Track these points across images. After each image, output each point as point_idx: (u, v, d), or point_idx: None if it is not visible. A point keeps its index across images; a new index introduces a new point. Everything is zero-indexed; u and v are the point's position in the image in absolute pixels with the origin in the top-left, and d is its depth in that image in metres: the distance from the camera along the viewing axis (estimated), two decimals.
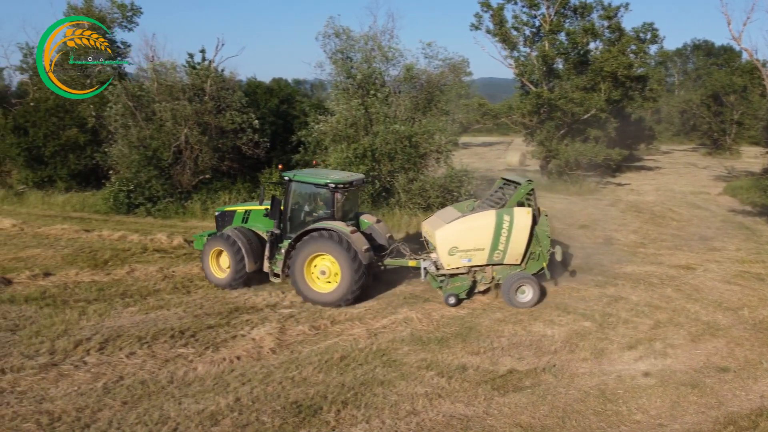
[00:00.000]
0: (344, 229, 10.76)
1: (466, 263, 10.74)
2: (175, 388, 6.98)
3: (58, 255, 13.26)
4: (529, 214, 10.65)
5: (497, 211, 10.71)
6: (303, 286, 10.79)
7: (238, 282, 11.45)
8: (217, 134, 20.20)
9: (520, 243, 10.67)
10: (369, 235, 11.60)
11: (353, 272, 10.48)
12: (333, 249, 10.59)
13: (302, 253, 10.77)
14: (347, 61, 19.80)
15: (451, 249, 10.65)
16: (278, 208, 11.42)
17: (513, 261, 10.85)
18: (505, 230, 10.58)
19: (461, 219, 10.88)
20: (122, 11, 25.24)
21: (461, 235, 10.67)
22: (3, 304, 9.65)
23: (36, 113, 21.74)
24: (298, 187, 11.56)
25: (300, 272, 10.76)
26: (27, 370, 7.26)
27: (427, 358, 8.15)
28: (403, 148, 18.37)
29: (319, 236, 10.74)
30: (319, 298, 10.71)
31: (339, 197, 11.16)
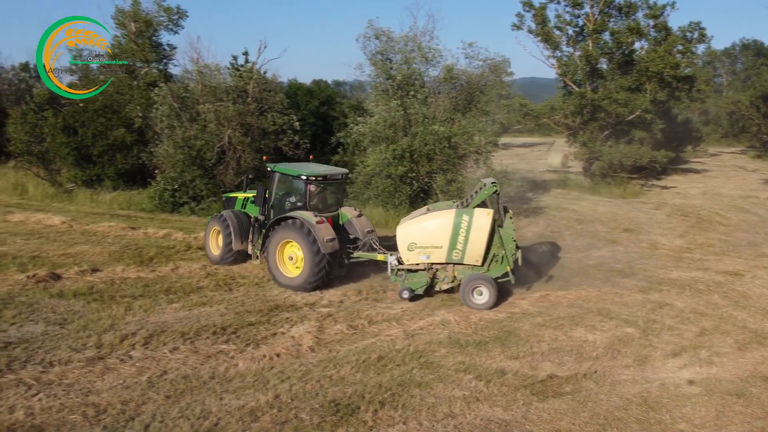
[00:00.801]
0: (310, 219, 11.38)
1: (424, 260, 10.98)
2: (217, 384, 7.12)
3: (105, 252, 13.68)
4: (488, 215, 10.69)
5: (456, 210, 10.86)
6: (275, 269, 11.65)
7: (227, 259, 12.71)
8: (259, 135, 20.51)
9: (478, 244, 10.70)
10: (344, 228, 12.26)
11: (314, 259, 11.12)
12: (298, 236, 11.32)
13: (274, 238, 11.65)
14: (387, 62, 19.82)
15: (410, 245, 10.96)
16: (263, 197, 12.42)
17: (473, 262, 10.89)
18: (463, 230, 10.70)
19: (421, 216, 11.28)
20: (168, 14, 25.80)
21: (420, 232, 10.94)
22: (52, 299, 9.98)
23: (85, 114, 22.43)
24: (280, 178, 12.43)
25: (272, 256, 11.63)
26: (74, 363, 7.48)
27: (464, 361, 8.10)
28: (441, 149, 18.29)
29: (287, 224, 11.54)
30: (286, 282, 11.49)
31: (312, 188, 11.93)
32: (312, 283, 11.30)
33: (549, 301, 11.08)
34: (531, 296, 11.29)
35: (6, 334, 8.29)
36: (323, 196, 12.41)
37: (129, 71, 24.82)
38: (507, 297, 11.25)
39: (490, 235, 10.75)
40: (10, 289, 10.31)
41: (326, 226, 11.49)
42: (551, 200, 22.70)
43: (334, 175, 12.49)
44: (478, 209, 10.80)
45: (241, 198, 13.49)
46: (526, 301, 10.96)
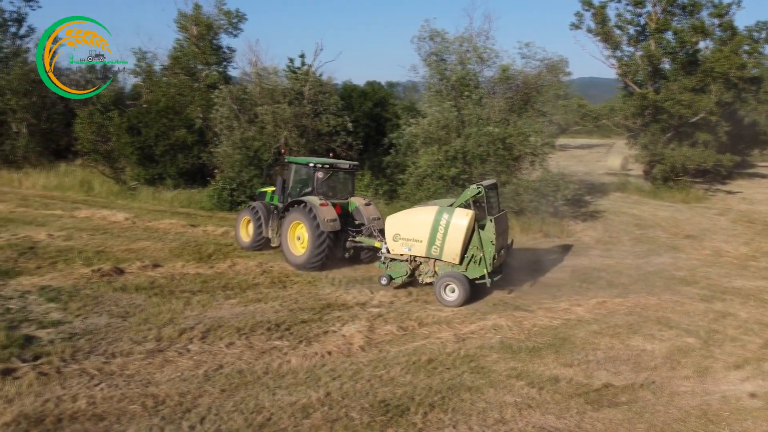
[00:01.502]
0: (315, 201, 12.66)
1: (406, 251, 11.56)
2: (270, 379, 7.26)
3: (166, 248, 14.16)
4: (467, 216, 10.94)
5: (438, 208, 11.35)
6: (286, 249, 13.03)
7: (257, 245, 14.10)
8: (313, 136, 20.80)
9: (454, 242, 10.98)
10: (353, 215, 13.44)
11: (316, 238, 12.39)
12: (304, 218, 12.63)
13: (286, 221, 13.06)
14: (441, 63, 19.75)
15: (395, 235, 11.63)
16: (281, 186, 13.82)
17: (450, 259, 11.15)
18: (441, 227, 11.08)
19: (408, 210, 12.16)
20: (228, 18, 26.50)
21: (404, 224, 11.58)
22: (116, 292, 10.39)
23: (148, 114, 23.24)
24: (296, 168, 13.86)
25: (285, 238, 13.04)
26: (135, 354, 7.75)
27: (517, 367, 7.98)
28: (496, 151, 18.07)
29: (297, 207, 12.90)
30: (294, 260, 12.84)
31: (320, 175, 13.36)
32: (314, 261, 12.50)
33: (606, 309, 10.80)
34: (587, 303, 11.03)
35: (71, 325, 8.67)
36: (333, 184, 13.82)
37: (190, 73, 25.60)
38: (560, 303, 11.02)
39: (468, 235, 10.99)
40: (75, 282, 10.80)
41: (329, 209, 12.65)
42: (610, 204, 22.08)
43: (341, 164, 14.04)
44: (459, 209, 11.10)
45: (270, 192, 14.77)
46: (581, 308, 10.72)
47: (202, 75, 25.56)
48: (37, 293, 10.01)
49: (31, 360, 7.26)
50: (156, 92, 25.34)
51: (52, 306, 9.44)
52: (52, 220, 17.13)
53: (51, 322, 8.69)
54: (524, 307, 10.75)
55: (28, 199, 20.87)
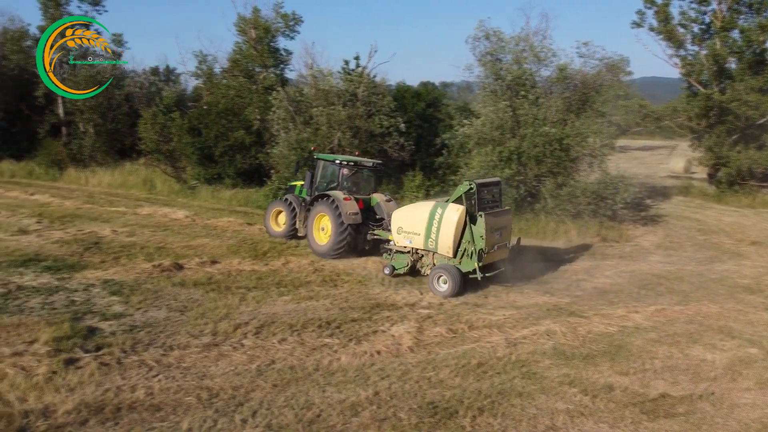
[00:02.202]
0: (339, 196, 13.64)
1: (408, 244, 12.31)
2: (320, 376, 7.34)
3: (223, 245, 14.56)
4: (458, 211, 11.53)
5: (435, 203, 12.16)
6: (311, 239, 14.12)
7: (290, 234, 15.21)
8: (366, 137, 20.93)
9: (447, 236, 11.62)
10: (374, 210, 14.23)
11: (338, 229, 13.40)
12: (328, 210, 13.63)
13: (312, 213, 14.11)
14: (496, 62, 19.51)
15: (398, 228, 12.46)
16: (310, 181, 14.81)
17: (445, 252, 11.77)
18: (436, 222, 11.77)
19: (410, 205, 13.23)
20: (285, 21, 26.96)
21: (406, 218, 12.37)
22: (175, 287, 10.76)
23: (208, 116, 23.93)
24: (323, 165, 14.84)
25: (310, 228, 14.09)
26: (192, 348, 7.98)
27: (570, 374, 7.80)
28: (552, 152, 17.71)
29: (322, 200, 13.88)
30: (317, 249, 13.89)
31: (345, 172, 14.37)
32: (336, 250, 13.52)
33: (665, 316, 10.42)
34: (645, 310, 10.66)
35: (132, 318, 9.03)
36: (357, 180, 14.83)
37: (248, 76, 26.18)
38: (617, 310, 10.70)
39: (460, 229, 11.59)
40: (137, 276, 11.24)
41: (352, 203, 13.60)
42: (672, 208, 21.27)
43: (365, 162, 15.02)
44: (452, 204, 11.73)
45: (299, 185, 15.76)
46: (639, 315, 10.37)
47: (259, 77, 26.09)
48: (101, 286, 10.48)
49: (93, 350, 7.58)
50: (216, 94, 26.05)
51: (115, 299, 9.86)
52: (116, 216, 17.90)
53: (113, 315, 9.07)
54: (579, 313, 10.49)
55: (94, 197, 21.88)
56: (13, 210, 17.92)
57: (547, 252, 15.50)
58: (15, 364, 6.92)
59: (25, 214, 17.20)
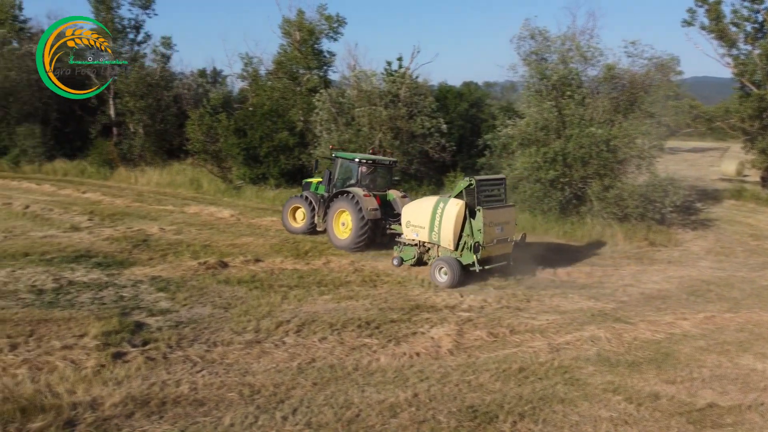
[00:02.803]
0: (359, 192, 14.28)
1: (415, 237, 12.96)
2: (359, 376, 7.36)
3: (267, 244, 14.78)
4: (457, 206, 12.14)
5: (438, 198, 12.85)
6: (331, 233, 14.79)
7: (308, 229, 15.86)
8: (407, 138, 20.92)
9: (447, 229, 12.20)
10: (390, 205, 14.85)
11: (359, 223, 14.04)
12: (349, 206, 14.29)
13: (332, 209, 14.73)
14: (542, 62, 19.23)
15: (407, 222, 13.13)
16: (328, 178, 15.31)
17: (446, 245, 12.33)
18: (438, 215, 12.38)
19: (417, 200, 13.67)
20: (329, 22, 27.21)
21: (413, 212, 13.03)
22: (219, 284, 10.96)
23: (253, 117, 24.34)
24: (342, 162, 15.45)
25: (330, 223, 14.74)
26: (235, 344, 8.11)
27: (614, 381, 7.60)
28: (598, 153, 17.33)
29: (343, 197, 14.55)
30: (338, 243, 14.55)
31: (363, 170, 14.97)
32: (357, 244, 14.18)
33: (714, 324, 10.06)
34: (694, 317, 10.32)
35: (178, 314, 9.24)
36: (374, 178, 15.33)
37: (293, 78, 26.53)
38: (665, 317, 10.39)
39: (460, 223, 12.13)
40: (183, 273, 11.51)
41: (371, 199, 14.28)
42: (723, 212, 20.51)
43: (382, 161, 15.67)
44: (453, 199, 12.33)
45: (315, 182, 16.41)
46: (688, 322, 10.04)
47: (303, 79, 26.41)
48: (149, 283, 10.77)
49: (140, 345, 7.78)
50: (261, 96, 26.49)
51: (161, 295, 10.11)
52: (164, 215, 18.39)
53: (160, 311, 9.31)
54: (625, 319, 10.21)
55: (143, 195, 22.54)
56: (66, 207, 18.62)
57: (590, 256, 15.19)
58: (65, 357, 7.17)
59: (77, 212, 17.86)
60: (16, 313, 8.68)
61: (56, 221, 16.35)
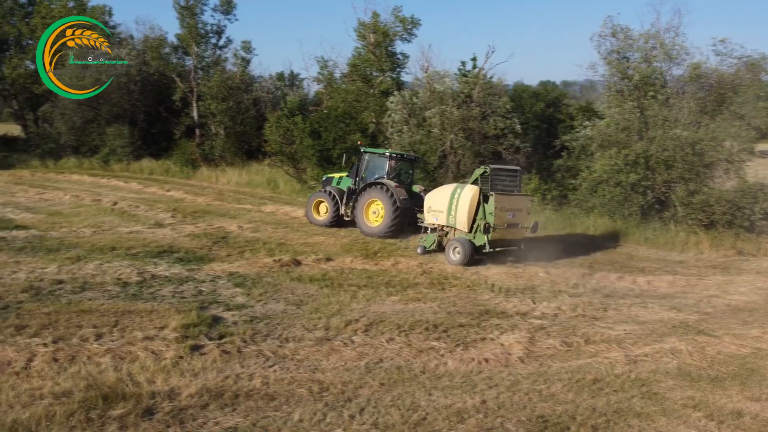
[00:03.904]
0: (392, 184, 15.69)
1: (435, 221, 14.17)
2: (426, 379, 7.32)
3: (338, 244, 15.02)
4: (472, 191, 13.38)
5: (456, 185, 14.18)
6: (361, 222, 15.98)
7: (332, 222, 16.85)
8: (479, 139, 20.66)
9: (462, 212, 13.41)
10: (414, 197, 16.02)
11: (392, 212, 15.31)
12: (381, 196, 15.55)
13: (362, 199, 15.97)
14: (623, 61, 18.55)
15: (428, 208, 14.31)
16: (355, 171, 16.92)
17: (461, 227, 13.54)
18: (455, 200, 13.56)
19: (438, 188, 14.91)
20: (403, 24, 27.33)
21: (434, 199, 14.24)
22: (293, 282, 11.21)
23: (328, 119, 24.78)
24: (369, 157, 16.88)
25: (360, 212, 15.94)
26: (305, 341, 8.24)
27: (694, 397, 7.19)
28: (683, 156, 16.54)
29: (375, 188, 15.78)
30: (369, 231, 15.76)
31: (393, 164, 16.35)
32: (389, 230, 15.43)
33: None
34: None
35: (253, 309, 9.51)
36: (399, 171, 16.66)
37: (366, 80, 26.81)
38: (751, 330, 9.72)
39: (474, 207, 13.32)
40: (259, 270, 11.86)
41: (402, 190, 15.73)
42: None
43: (409, 155, 17.59)
44: (469, 185, 13.60)
45: (337, 177, 17.74)
46: None
47: (376, 81, 26.64)
48: (226, 278, 11.18)
49: (216, 339, 8.05)
50: (335, 98, 26.93)
51: (238, 291, 10.45)
52: (243, 213, 19.06)
53: (236, 305, 9.63)
54: (709, 331, 9.64)
55: (223, 194, 23.43)
56: (151, 205, 19.63)
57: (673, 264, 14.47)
58: (146, 347, 7.52)
59: (161, 209, 18.79)
60: (102, 304, 9.21)
61: (142, 218, 17.28)
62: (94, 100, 31.10)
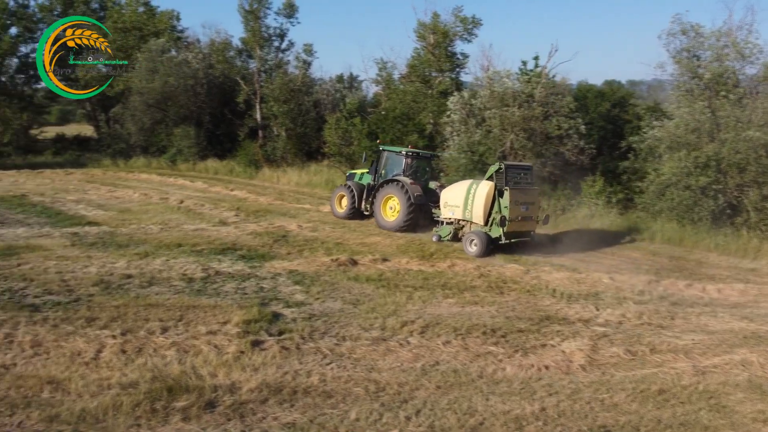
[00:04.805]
0: (407, 180, 16.46)
1: (451, 215, 15.06)
2: (484, 384, 7.23)
3: (394, 244, 15.06)
4: (487, 186, 14.27)
5: (472, 181, 15.11)
6: (379, 216, 16.88)
7: (351, 215, 17.88)
8: (541, 140, 20.23)
9: (478, 207, 14.28)
10: (430, 193, 16.74)
11: (407, 207, 16.10)
12: (397, 192, 16.38)
13: (380, 195, 16.84)
14: (693, 59, 17.80)
15: (445, 203, 15.22)
16: (374, 168, 17.91)
17: (477, 221, 14.39)
18: (471, 195, 14.46)
19: (453, 184, 15.82)
20: (464, 24, 27.09)
21: (451, 194, 15.18)
22: (349, 281, 11.32)
23: (385, 121, 24.88)
24: (387, 154, 17.81)
25: (378, 208, 16.84)
26: (362, 340, 8.30)
27: (765, 411, 6.79)
28: (757, 159, 15.72)
29: (391, 184, 16.64)
30: (386, 225, 16.63)
31: (409, 161, 17.15)
32: (404, 224, 16.23)
33: None
34: None
35: (311, 307, 9.67)
36: (416, 169, 17.51)
37: (425, 81, 26.74)
38: None
39: (489, 201, 14.18)
40: (317, 269, 12.04)
41: (417, 186, 16.42)
42: None
43: (425, 153, 18.58)
44: (484, 181, 14.56)
45: (359, 173, 18.84)
46: None
47: (435, 82, 26.53)
48: (286, 276, 11.41)
49: (276, 335, 8.23)
50: (393, 100, 27.00)
51: (297, 288, 10.66)
52: (302, 213, 19.41)
53: (295, 303, 9.82)
54: None
55: (284, 194, 23.91)
56: (216, 203, 20.26)
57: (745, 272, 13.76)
58: (209, 342, 7.77)
59: (225, 208, 19.37)
60: (168, 298, 9.58)
61: (206, 216, 17.86)
62: (161, 101, 32.33)
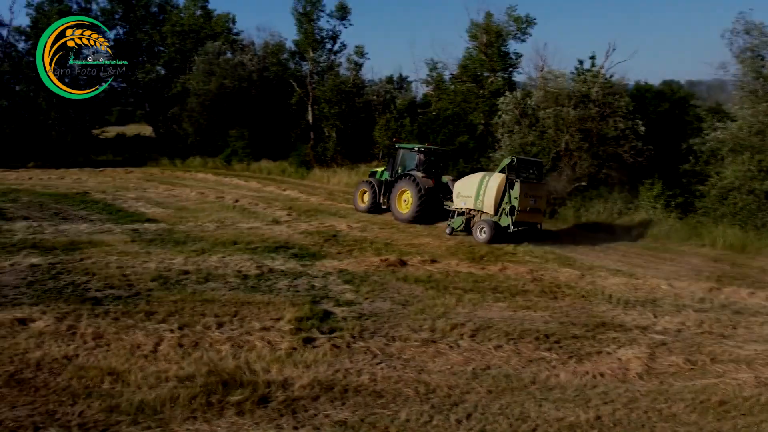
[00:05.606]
0: (419, 174, 17.77)
1: (463, 205, 16.09)
2: (536, 390, 7.09)
3: (443, 245, 14.98)
4: (499, 178, 15.29)
5: (484, 173, 16.26)
6: (394, 209, 18.17)
7: (372, 208, 19.09)
8: (598, 141, 19.73)
9: (490, 197, 15.29)
10: (443, 187, 17.87)
11: (417, 199, 17.40)
12: (410, 186, 17.68)
13: (395, 189, 18.21)
14: (757, 59, 17.05)
15: (457, 194, 16.27)
16: (391, 165, 19.23)
17: (488, 210, 15.39)
18: (483, 187, 15.50)
19: (466, 176, 16.75)
20: (518, 23, 26.70)
21: (463, 185, 16.22)
22: (398, 282, 11.31)
23: (436, 121, 24.81)
24: (403, 152, 19.17)
25: (393, 201, 18.18)
26: (411, 341, 8.27)
27: None
28: None
29: (404, 179, 17.98)
30: (400, 217, 17.90)
31: (422, 157, 18.29)
32: (415, 215, 17.51)
33: None
34: None
35: (361, 306, 9.72)
36: (430, 164, 18.48)
37: (476, 81, 26.49)
38: None
39: (500, 193, 15.16)
40: (367, 269, 12.09)
41: (427, 180, 17.61)
42: None
43: (437, 149, 19.47)
44: (496, 173, 15.60)
45: (379, 171, 20.04)
46: None
47: (487, 82, 26.25)
48: (336, 275, 11.50)
49: (327, 333, 8.29)
50: (444, 100, 26.86)
51: (347, 287, 10.72)
52: (351, 213, 19.56)
53: (345, 302, 9.88)
54: None
55: (334, 194, 24.15)
56: (269, 203, 20.64)
57: None
58: (263, 338, 7.90)
59: (278, 207, 19.71)
60: (224, 294, 9.80)
61: (260, 214, 18.21)
62: (218, 103, 33.10)
